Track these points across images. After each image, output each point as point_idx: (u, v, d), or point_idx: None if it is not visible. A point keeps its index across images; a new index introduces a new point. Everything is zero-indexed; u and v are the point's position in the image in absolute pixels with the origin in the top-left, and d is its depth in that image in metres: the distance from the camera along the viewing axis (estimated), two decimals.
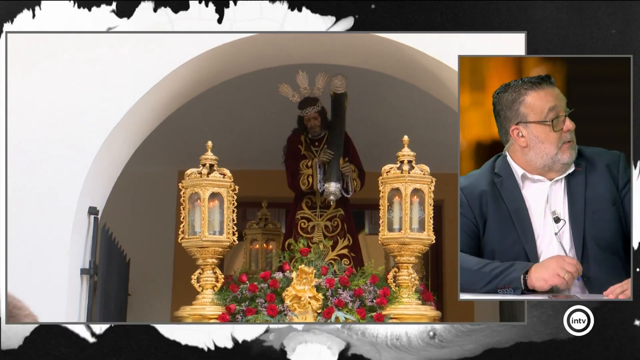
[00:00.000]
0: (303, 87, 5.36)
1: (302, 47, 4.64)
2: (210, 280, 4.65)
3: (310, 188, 5.41)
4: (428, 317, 4.54)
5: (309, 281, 4.55)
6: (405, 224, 4.52)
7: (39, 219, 4.18)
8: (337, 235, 5.42)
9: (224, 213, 4.62)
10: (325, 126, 5.48)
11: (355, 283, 4.63)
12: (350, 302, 4.50)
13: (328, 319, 4.53)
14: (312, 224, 5.48)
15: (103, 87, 4.30)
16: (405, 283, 4.59)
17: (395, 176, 4.57)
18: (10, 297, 1.56)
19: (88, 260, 4.37)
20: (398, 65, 4.77)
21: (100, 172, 4.41)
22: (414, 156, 4.60)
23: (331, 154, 5.36)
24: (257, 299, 4.57)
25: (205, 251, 4.63)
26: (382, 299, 4.52)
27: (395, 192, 4.58)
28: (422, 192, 4.58)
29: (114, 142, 4.38)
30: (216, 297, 4.63)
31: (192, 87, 4.74)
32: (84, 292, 4.37)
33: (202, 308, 4.58)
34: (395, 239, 4.53)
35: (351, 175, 5.39)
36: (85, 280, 4.34)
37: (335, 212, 5.45)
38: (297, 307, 4.54)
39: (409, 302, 4.53)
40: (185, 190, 4.65)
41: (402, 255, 4.59)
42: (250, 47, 4.48)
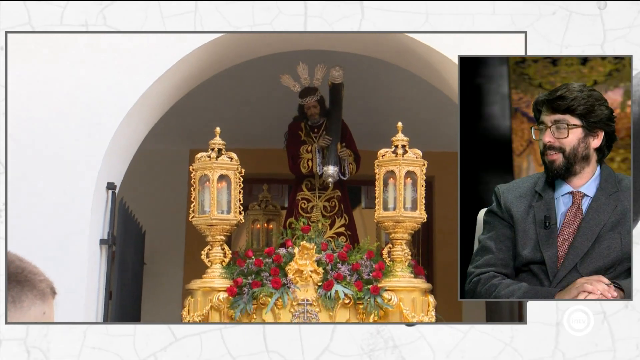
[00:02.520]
0: (303, 78, 5.42)
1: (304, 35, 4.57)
2: (218, 255, 4.69)
3: (310, 171, 5.49)
4: (420, 289, 4.60)
5: (310, 256, 4.60)
6: (399, 203, 4.57)
7: (61, 194, 4.23)
8: (334, 214, 5.50)
9: (232, 193, 4.66)
10: (323, 114, 5.55)
11: (352, 258, 4.66)
12: (348, 276, 4.57)
13: (328, 290, 4.57)
14: (311, 204, 5.55)
15: (120, 71, 4.33)
16: (399, 258, 4.62)
17: (390, 159, 4.63)
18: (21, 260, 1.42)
19: (107, 231, 4.43)
20: (392, 52, 4.79)
21: (117, 150, 4.47)
22: (407, 141, 4.65)
23: (329, 139, 5.44)
24: (262, 272, 4.63)
25: (214, 229, 4.67)
26: (377, 273, 4.58)
27: (390, 174, 4.62)
28: (414, 174, 4.62)
29: (130, 122, 4.43)
30: (224, 271, 4.68)
31: (202, 72, 4.76)
32: (103, 261, 4.43)
33: (211, 281, 4.65)
34: (390, 218, 4.59)
35: (348, 159, 5.47)
36: (104, 250, 4.41)
37: (332, 193, 5.52)
38: (299, 280, 4.60)
39: (402, 276, 4.58)
40: (196, 173, 4.69)
41: (396, 233, 4.64)
42: (256, 35, 4.44)
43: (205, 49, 4.42)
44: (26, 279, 1.35)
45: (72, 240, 4.17)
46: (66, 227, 4.18)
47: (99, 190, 4.35)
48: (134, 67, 4.36)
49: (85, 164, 4.28)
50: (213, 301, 4.58)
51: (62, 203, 4.19)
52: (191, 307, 4.70)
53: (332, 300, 4.55)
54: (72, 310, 4.02)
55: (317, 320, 4.66)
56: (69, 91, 4.31)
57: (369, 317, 4.59)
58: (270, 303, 4.58)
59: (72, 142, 4.26)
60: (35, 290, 1.35)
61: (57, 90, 4.29)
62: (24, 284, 1.34)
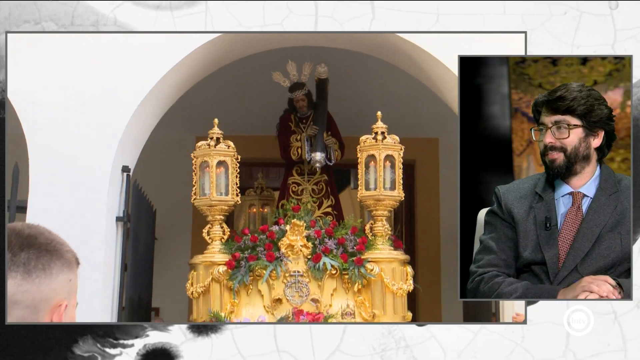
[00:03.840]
0: (292, 74, 5.49)
1: None
2: (218, 233, 4.71)
3: (300, 158, 5.54)
4: (399, 260, 4.65)
5: (300, 232, 4.64)
6: (380, 184, 4.63)
7: (81, 176, 4.27)
8: (322, 196, 5.52)
9: (229, 177, 4.70)
10: (311, 106, 5.57)
11: (338, 233, 4.70)
12: (334, 249, 4.63)
13: (317, 262, 4.57)
14: (301, 187, 5.54)
15: (134, 65, 4.36)
16: (380, 232, 4.65)
17: (370, 145, 4.69)
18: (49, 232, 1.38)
19: (122, 210, 4.49)
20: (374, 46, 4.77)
21: (131, 137, 4.52)
22: (386, 128, 4.69)
23: (316, 129, 5.45)
24: (258, 247, 4.66)
25: (213, 209, 4.69)
26: (361, 246, 4.64)
27: (371, 158, 4.69)
28: (393, 157, 4.68)
29: (142, 112, 4.47)
30: (223, 247, 4.68)
31: (207, 67, 4.77)
32: (119, 236, 4.50)
33: (211, 256, 4.66)
34: (371, 196, 4.65)
35: (333, 147, 5.51)
36: (119, 227, 4.49)
37: (320, 177, 5.54)
38: (290, 254, 4.64)
39: (383, 248, 4.64)
40: (196, 159, 4.70)
41: (377, 210, 4.70)
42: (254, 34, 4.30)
43: (210, 46, 4.41)
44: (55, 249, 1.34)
45: (91, 217, 4.24)
46: (86, 206, 4.24)
47: (115, 173, 4.42)
48: (145, 62, 4.37)
49: (103, 150, 4.33)
50: (214, 274, 4.55)
51: (82, 184, 4.25)
52: (194, 279, 4.65)
53: (320, 271, 4.57)
54: (91, 280, 4.08)
55: (307, 289, 4.62)
56: (88, 84, 4.32)
57: (353, 285, 4.58)
58: (266, 274, 4.55)
59: (91, 130, 4.31)
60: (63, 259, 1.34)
61: (78, 83, 4.31)
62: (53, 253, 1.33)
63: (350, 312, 4.59)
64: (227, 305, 4.57)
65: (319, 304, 4.58)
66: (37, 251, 1.30)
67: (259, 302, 4.63)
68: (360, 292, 4.61)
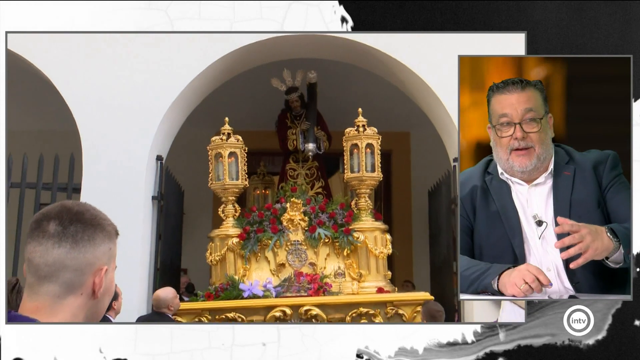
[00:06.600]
0: (287, 80, 5.67)
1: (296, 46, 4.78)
2: (231, 211, 4.87)
3: (295, 148, 5.75)
4: (380, 229, 4.80)
5: (299, 209, 4.85)
6: (362, 167, 4.88)
7: (123, 163, 4.48)
8: (314, 179, 5.70)
9: (239, 165, 4.87)
10: (303, 106, 5.76)
11: (329, 208, 4.95)
12: (327, 222, 4.85)
13: (313, 233, 4.70)
14: (297, 172, 5.75)
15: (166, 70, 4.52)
16: (363, 207, 4.89)
17: (354, 135, 4.92)
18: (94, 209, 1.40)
19: (156, 190, 4.72)
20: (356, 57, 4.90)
21: (164, 131, 4.71)
22: (365, 122, 4.86)
23: (308, 124, 5.65)
24: (264, 222, 4.83)
25: (227, 192, 4.87)
26: (348, 219, 4.88)
27: (355, 146, 4.91)
28: (372, 145, 4.89)
29: (173, 110, 4.67)
30: (235, 222, 4.84)
31: (225, 74, 5.01)
32: (154, 212, 4.73)
33: (226, 230, 4.82)
34: (355, 178, 4.90)
35: (322, 139, 5.69)
36: (155, 204, 4.73)
37: (312, 164, 5.77)
38: (291, 227, 4.81)
39: (366, 220, 4.88)
40: (212, 151, 4.91)
41: (360, 189, 4.92)
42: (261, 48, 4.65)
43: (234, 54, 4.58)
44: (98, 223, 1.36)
45: (130, 197, 4.46)
46: (127, 187, 4.46)
47: (151, 160, 4.62)
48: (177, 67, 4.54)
49: (141, 142, 4.51)
50: (228, 244, 4.74)
51: (124, 170, 4.47)
52: (212, 249, 4.83)
53: (315, 240, 4.76)
54: (132, 247, 4.30)
55: (305, 255, 4.71)
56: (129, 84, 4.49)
57: (343, 251, 4.75)
58: (271, 244, 4.76)
59: (131, 124, 4.50)
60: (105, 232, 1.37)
61: (123, 83, 4.49)
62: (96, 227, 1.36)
63: (341, 273, 4.76)
64: (240, 270, 4.78)
65: (316, 266, 4.80)
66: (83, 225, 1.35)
67: (266, 267, 4.83)
68: (349, 256, 4.85)
